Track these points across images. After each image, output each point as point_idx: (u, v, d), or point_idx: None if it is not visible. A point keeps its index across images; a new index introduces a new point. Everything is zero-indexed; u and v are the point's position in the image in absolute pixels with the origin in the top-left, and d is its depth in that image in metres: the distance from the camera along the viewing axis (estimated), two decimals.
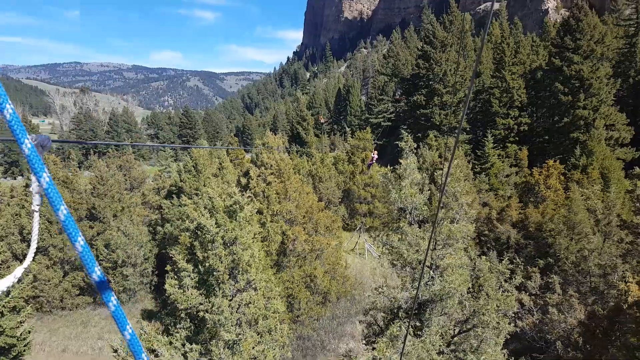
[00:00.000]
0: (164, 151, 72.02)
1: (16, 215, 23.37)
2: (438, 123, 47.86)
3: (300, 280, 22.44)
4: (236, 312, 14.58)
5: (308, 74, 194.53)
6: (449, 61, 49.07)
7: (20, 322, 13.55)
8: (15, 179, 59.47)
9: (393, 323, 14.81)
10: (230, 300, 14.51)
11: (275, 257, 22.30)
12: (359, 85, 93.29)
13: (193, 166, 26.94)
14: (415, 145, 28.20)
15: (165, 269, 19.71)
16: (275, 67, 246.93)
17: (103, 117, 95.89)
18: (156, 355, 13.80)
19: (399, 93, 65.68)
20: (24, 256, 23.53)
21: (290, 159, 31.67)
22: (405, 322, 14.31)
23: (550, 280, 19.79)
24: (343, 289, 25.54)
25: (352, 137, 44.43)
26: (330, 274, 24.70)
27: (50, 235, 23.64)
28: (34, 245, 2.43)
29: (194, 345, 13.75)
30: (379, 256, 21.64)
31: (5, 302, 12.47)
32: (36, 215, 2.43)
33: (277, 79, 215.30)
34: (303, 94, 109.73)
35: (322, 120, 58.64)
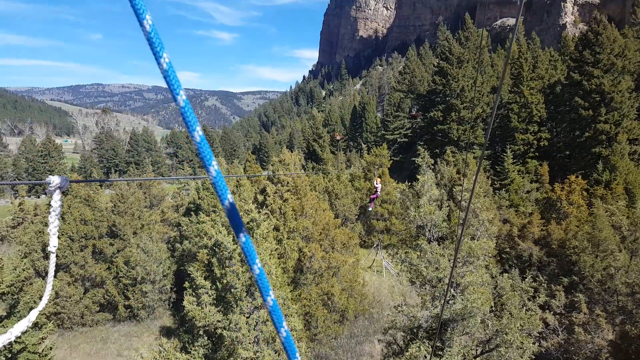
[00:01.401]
0: (182, 169, 73.16)
1: (39, 232, 23.92)
2: (455, 139, 47.53)
3: (317, 298, 22.24)
4: (254, 329, 14.51)
5: (324, 92, 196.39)
6: (465, 77, 48.97)
7: (42, 339, 13.72)
8: (38, 197, 61.07)
9: (413, 343, 14.52)
10: (248, 317, 14.46)
11: (292, 274, 22.21)
12: (375, 102, 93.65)
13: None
14: (433, 162, 27.95)
15: (184, 285, 19.82)
16: (291, 86, 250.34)
17: (124, 137, 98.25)
18: None
19: (415, 109, 65.74)
20: (46, 273, 23.97)
21: (307, 176, 31.80)
22: (424, 342, 14.01)
23: (575, 299, 19.19)
24: (361, 307, 25.20)
25: (368, 154, 44.42)
26: (347, 292, 24.43)
27: (72, 252, 24.05)
28: (49, 287, 2.44)
29: None
30: (397, 274, 21.39)
31: None
32: (52, 256, 2.45)
33: (293, 97, 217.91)
34: (319, 111, 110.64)
35: (338, 138, 58.84)
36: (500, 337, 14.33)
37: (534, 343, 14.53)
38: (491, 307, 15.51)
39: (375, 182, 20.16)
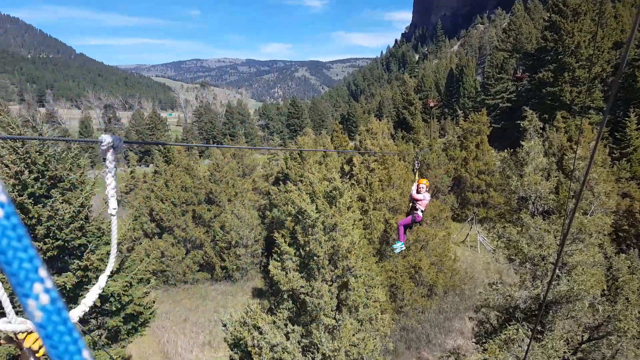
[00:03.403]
0: (273, 140, 75.73)
1: (147, 198, 26.44)
2: (568, 102, 42.40)
3: (403, 271, 21.70)
4: (336, 297, 14.53)
5: (417, 56, 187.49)
6: (582, 31, 42.92)
7: (146, 293, 15.14)
8: (147, 166, 67.92)
9: (509, 324, 13.46)
10: (330, 285, 14.49)
11: (377, 245, 21.84)
12: (474, 64, 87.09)
13: (298, 154, 27.69)
14: (541, 125, 25.01)
15: (273, 251, 20.60)
16: (382, 51, 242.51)
17: (220, 110, 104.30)
18: (260, 332, 14.40)
19: (521, 70, 59.70)
20: (153, 234, 26.54)
21: (395, 145, 30.74)
22: (523, 325, 12.89)
23: None
24: (451, 283, 24.17)
25: (464, 121, 41.55)
26: (436, 266, 23.51)
27: (175, 216, 26.26)
28: (114, 250, 2.27)
29: (295, 327, 14.04)
30: (493, 250, 19.86)
31: (133, 274, 13.99)
32: (114, 220, 2.26)
33: (384, 63, 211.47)
34: (411, 77, 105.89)
35: (432, 104, 55.77)
36: (612, 324, 12.65)
37: None
38: (603, 290, 13.72)
39: (417, 187, 8.89)
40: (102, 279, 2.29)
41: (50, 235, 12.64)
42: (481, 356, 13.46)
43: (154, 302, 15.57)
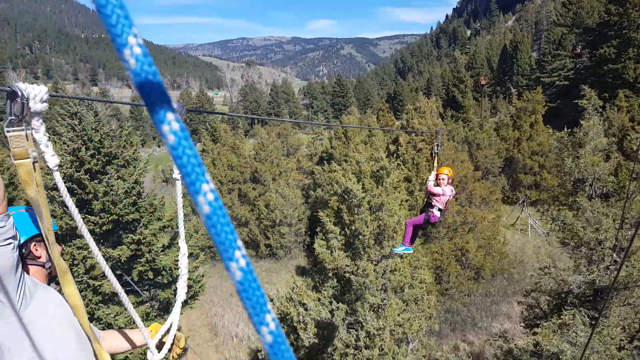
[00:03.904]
0: (317, 119, 75.47)
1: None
2: (632, 79, 39.25)
3: (450, 253, 21.23)
4: (381, 277, 14.40)
5: (469, 32, 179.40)
6: None
7: (196, 267, 15.64)
8: (195, 145, 69.47)
9: (563, 309, 12.88)
10: (376, 265, 14.36)
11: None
12: (529, 40, 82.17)
13: (343, 133, 27.40)
14: (601, 104, 23.35)
15: (316, 230, 20.68)
16: (432, 27, 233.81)
17: (265, 89, 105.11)
18: (306, 309, 14.58)
19: (580, 46, 55.72)
20: None
21: (444, 124, 29.79)
22: (580, 311, 12.27)
23: None
24: (499, 266, 23.43)
25: (518, 99, 39.45)
26: (484, 249, 22.84)
27: (222, 194, 26.90)
28: (180, 214, 2.28)
29: (340, 305, 14.07)
30: (547, 233, 18.91)
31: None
32: (178, 184, 2.26)
33: (434, 39, 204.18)
34: (462, 53, 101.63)
35: (483, 82, 53.25)
36: None
37: None
38: None
39: (435, 177, 6.85)
40: (182, 244, 2.49)
41: (106, 210, 13.21)
42: (531, 340, 12.98)
43: (202, 276, 16.08)
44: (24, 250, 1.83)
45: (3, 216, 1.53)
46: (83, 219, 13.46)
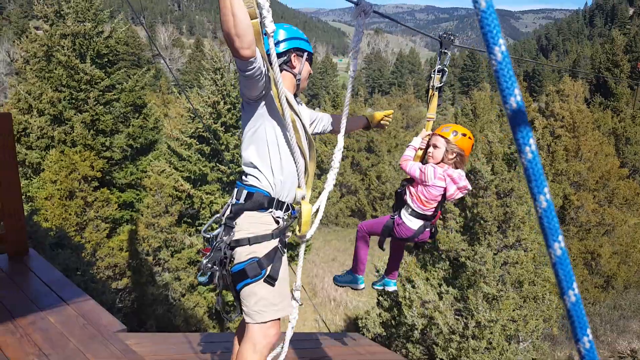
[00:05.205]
0: (445, 92, 71.71)
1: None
2: None
3: (577, 255, 19.17)
4: (500, 268, 13.42)
5: (631, 10, 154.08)
6: None
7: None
8: (314, 109, 71.32)
9: None
10: (495, 254, 13.40)
11: None
12: None
13: (471, 110, 25.61)
14: None
15: None
16: (586, 2, 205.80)
17: (391, 58, 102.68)
18: (413, 286, 14.24)
19: None
20: (315, 175, 28.09)
21: (590, 112, 26.42)
22: None
23: None
24: (635, 278, 20.66)
25: None
26: (620, 256, 20.25)
27: None
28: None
29: (450, 289, 13.48)
30: None
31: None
32: (350, 82, 2.68)
33: (587, 16, 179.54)
34: (621, 34, 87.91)
35: None
36: None
37: None
38: None
39: (433, 144, 2.96)
40: (340, 139, 2.77)
41: (234, 161, 14.09)
42: None
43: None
44: (285, 57, 2.25)
45: (254, 59, 1.80)
46: (213, 167, 14.59)
